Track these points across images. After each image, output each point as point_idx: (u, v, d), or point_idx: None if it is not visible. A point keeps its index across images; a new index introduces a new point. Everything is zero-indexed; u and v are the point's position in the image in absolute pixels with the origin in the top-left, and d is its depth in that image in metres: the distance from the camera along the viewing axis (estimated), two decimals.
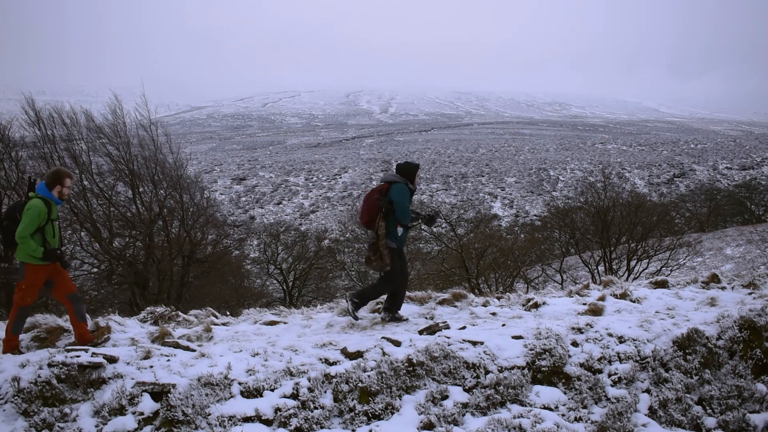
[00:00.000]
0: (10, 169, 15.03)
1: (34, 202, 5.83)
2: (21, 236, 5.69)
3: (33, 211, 5.78)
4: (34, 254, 5.74)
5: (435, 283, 21.46)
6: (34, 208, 5.79)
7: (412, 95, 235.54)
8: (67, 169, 6.24)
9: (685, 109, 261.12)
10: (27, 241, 5.70)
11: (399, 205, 6.31)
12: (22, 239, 5.69)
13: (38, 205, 5.81)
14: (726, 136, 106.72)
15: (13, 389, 4.39)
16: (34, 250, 5.73)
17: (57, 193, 6.01)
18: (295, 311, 7.71)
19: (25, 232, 5.73)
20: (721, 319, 5.61)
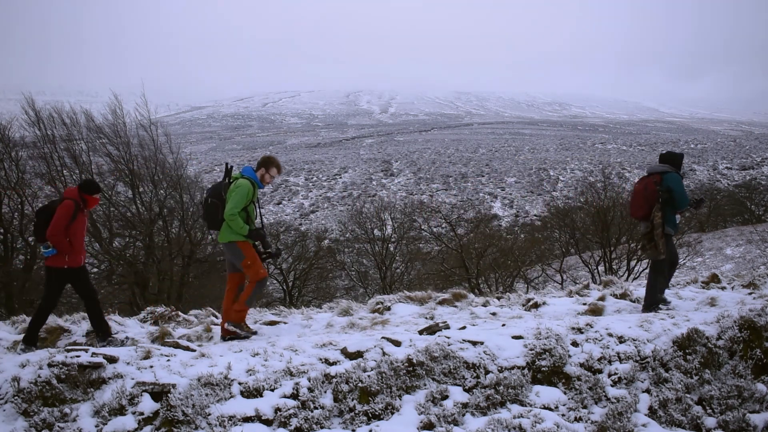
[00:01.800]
0: (10, 169, 15.04)
1: (243, 182, 6.01)
2: (230, 214, 5.86)
3: (242, 189, 5.95)
4: (240, 232, 5.91)
5: (435, 283, 21.48)
6: (244, 186, 5.97)
7: (412, 95, 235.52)
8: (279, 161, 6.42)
9: (685, 109, 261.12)
10: (236, 219, 5.87)
11: (679, 192, 6.55)
12: (231, 216, 5.86)
13: (247, 185, 5.99)
14: (726, 136, 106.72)
15: (13, 389, 4.39)
16: (241, 227, 5.90)
17: (260, 176, 6.21)
18: (295, 311, 7.72)
19: (235, 209, 5.89)
20: (721, 319, 5.61)
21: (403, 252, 29.56)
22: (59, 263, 5.87)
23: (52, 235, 5.76)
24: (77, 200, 5.99)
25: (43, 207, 6.11)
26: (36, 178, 15.94)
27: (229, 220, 5.88)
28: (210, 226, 6.26)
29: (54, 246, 5.80)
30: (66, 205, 5.90)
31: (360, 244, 31.38)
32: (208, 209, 6.10)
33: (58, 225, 5.79)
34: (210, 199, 6.09)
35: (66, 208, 5.88)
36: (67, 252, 5.87)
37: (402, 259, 29.15)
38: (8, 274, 14.55)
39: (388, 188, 65.86)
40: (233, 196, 5.92)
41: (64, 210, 5.87)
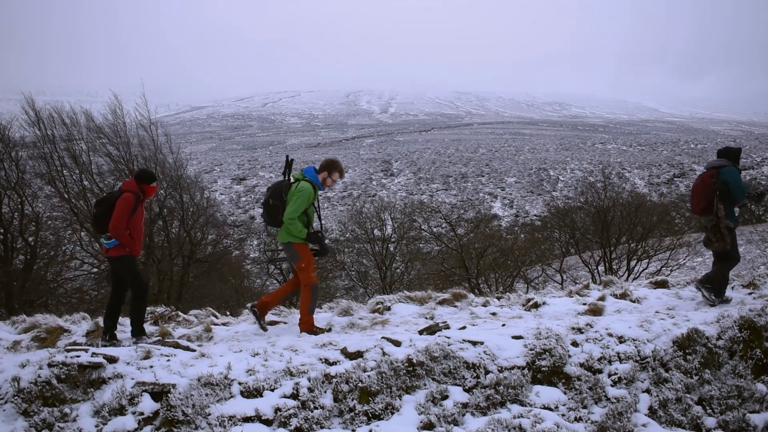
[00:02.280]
0: (10, 169, 15.04)
1: (305, 185, 6.04)
2: (290, 217, 5.93)
3: (304, 194, 5.99)
4: (299, 235, 5.97)
5: (435, 283, 21.46)
6: (306, 191, 6.01)
7: (412, 95, 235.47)
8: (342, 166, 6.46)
9: (685, 109, 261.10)
10: (295, 222, 5.92)
11: (735, 185, 6.64)
12: (291, 220, 5.92)
13: (309, 189, 6.03)
14: (726, 136, 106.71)
15: (13, 389, 4.39)
16: (300, 231, 5.96)
17: (322, 179, 6.25)
18: (295, 311, 7.70)
19: (295, 213, 5.95)
20: (721, 319, 5.61)
21: (403, 252, 29.55)
22: (121, 252, 5.97)
23: (115, 230, 5.83)
24: (137, 192, 6.04)
25: (102, 198, 6.13)
26: (36, 178, 15.94)
27: (288, 224, 5.95)
28: (269, 224, 6.30)
29: (116, 238, 5.89)
30: (126, 198, 5.93)
31: (360, 244, 31.36)
32: (269, 210, 6.15)
33: (120, 220, 5.86)
34: (271, 200, 6.13)
35: (127, 202, 5.92)
36: (128, 245, 5.95)
37: (402, 259, 29.14)
38: (8, 274, 14.55)
39: (388, 188, 65.88)
40: (294, 200, 5.97)
41: (125, 204, 5.90)
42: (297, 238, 6.01)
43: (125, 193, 5.97)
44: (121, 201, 5.90)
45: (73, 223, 16.41)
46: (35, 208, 15.78)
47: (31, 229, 15.53)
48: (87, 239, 16.76)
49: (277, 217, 6.08)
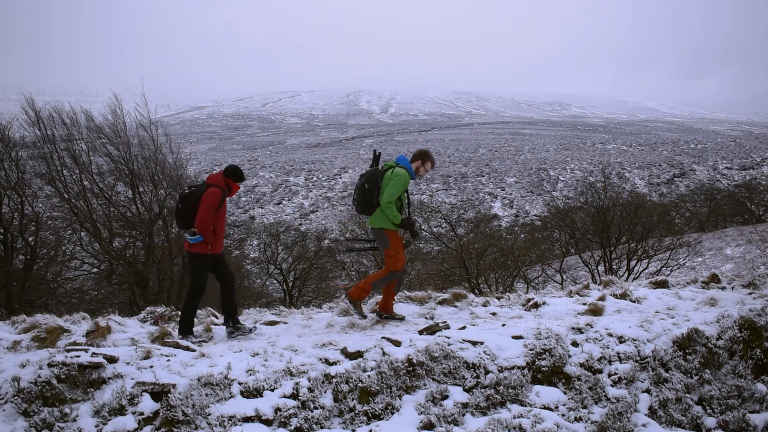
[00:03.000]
0: (10, 169, 15.03)
1: (401, 171, 6.12)
2: (388, 201, 5.98)
3: (401, 179, 6.07)
4: (394, 220, 6.04)
5: (435, 283, 21.45)
6: (402, 176, 6.09)
7: (412, 95, 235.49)
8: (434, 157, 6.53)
9: (685, 109, 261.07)
10: (392, 207, 5.99)
11: None
12: (388, 204, 5.98)
13: (405, 175, 6.11)
14: (726, 136, 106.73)
15: (13, 389, 4.38)
16: (395, 216, 6.03)
17: (415, 168, 6.32)
18: (295, 311, 7.71)
19: (393, 197, 6.01)
20: (721, 319, 5.61)
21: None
22: (203, 250, 5.98)
23: (201, 225, 5.84)
24: (223, 187, 6.05)
25: (187, 193, 6.07)
26: (36, 178, 15.93)
27: (385, 208, 6.00)
28: (361, 210, 6.28)
29: (201, 234, 5.89)
30: (214, 193, 5.93)
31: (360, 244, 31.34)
32: (365, 194, 6.17)
33: (207, 214, 5.87)
34: (366, 184, 6.16)
35: (214, 197, 5.91)
36: (211, 241, 5.97)
37: None
38: (8, 274, 14.54)
39: None
40: (392, 184, 6.04)
41: (212, 198, 5.91)
42: (389, 223, 6.08)
43: (212, 188, 5.96)
44: (209, 196, 5.90)
45: (73, 223, 16.40)
46: (35, 208, 15.76)
47: (31, 229, 15.52)
48: (87, 239, 16.75)
49: (372, 201, 6.13)
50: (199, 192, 5.97)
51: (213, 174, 6.23)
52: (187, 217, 5.94)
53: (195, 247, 5.95)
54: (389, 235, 6.13)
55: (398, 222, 6.07)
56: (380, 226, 6.12)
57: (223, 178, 6.10)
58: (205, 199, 5.87)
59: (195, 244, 5.93)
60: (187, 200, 5.97)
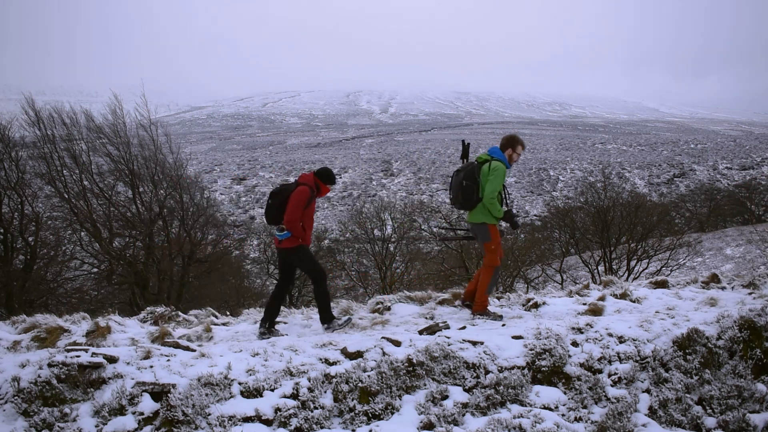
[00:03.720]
0: (10, 169, 15.03)
1: (499, 165, 6.13)
2: (491, 196, 6.01)
3: (500, 173, 6.10)
4: (497, 214, 6.08)
5: (435, 283, 21.46)
6: (501, 170, 6.12)
7: (412, 95, 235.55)
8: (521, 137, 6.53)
9: (685, 109, 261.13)
10: (494, 201, 6.02)
11: None
12: (491, 199, 6.01)
13: (503, 168, 6.13)
14: (726, 136, 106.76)
15: (13, 389, 4.38)
16: (498, 210, 6.08)
17: (508, 156, 6.32)
18: (295, 311, 7.71)
19: (495, 192, 6.05)
20: (721, 319, 5.61)
21: (403, 252, 29.56)
22: (294, 243, 6.13)
23: (290, 221, 5.98)
24: (312, 187, 6.17)
25: (277, 190, 6.23)
26: (36, 178, 15.93)
27: (488, 203, 6.03)
28: (462, 206, 6.32)
29: (289, 230, 6.03)
30: (303, 191, 6.06)
31: (360, 244, 31.36)
32: (465, 191, 6.19)
33: (296, 212, 5.99)
34: (465, 181, 6.19)
35: (303, 195, 6.05)
36: (300, 236, 6.10)
37: (402, 259, 29.15)
38: (8, 274, 14.54)
39: (388, 188, 65.91)
40: (492, 179, 6.06)
41: (301, 196, 6.04)
42: (490, 217, 6.12)
43: (301, 186, 6.11)
44: (297, 194, 6.05)
45: (73, 223, 16.40)
46: (35, 208, 15.76)
47: (31, 229, 15.52)
48: (87, 239, 16.76)
49: (472, 197, 6.14)
50: (289, 190, 6.14)
51: (304, 173, 6.40)
52: (276, 213, 6.13)
53: (286, 242, 6.13)
54: (491, 230, 6.19)
55: (501, 216, 6.12)
56: (482, 221, 6.17)
57: (313, 179, 6.26)
58: (294, 197, 6.04)
59: (285, 239, 6.11)
60: (277, 197, 6.16)
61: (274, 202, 6.13)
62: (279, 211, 6.09)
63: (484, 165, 6.19)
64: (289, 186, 6.21)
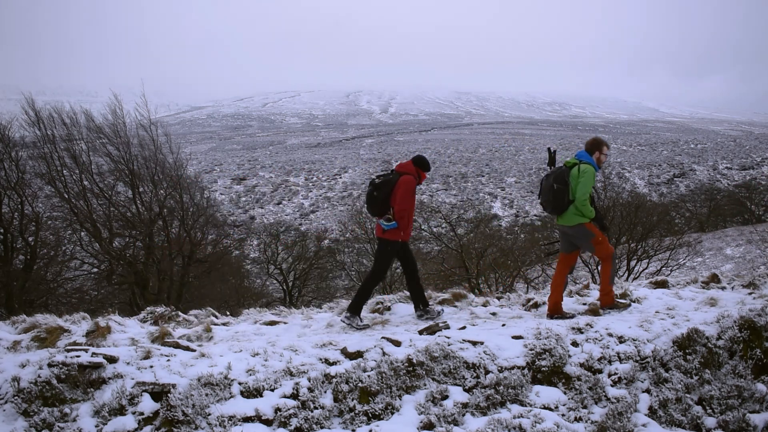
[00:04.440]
0: (10, 169, 15.03)
1: (589, 168, 6.29)
2: (584, 198, 6.18)
3: (591, 175, 6.26)
4: (589, 215, 6.24)
5: (435, 283, 21.44)
6: (591, 172, 6.28)
7: (412, 95, 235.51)
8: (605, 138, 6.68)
9: (685, 109, 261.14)
10: (587, 203, 6.20)
11: None
12: (584, 201, 6.18)
13: (593, 171, 6.29)
14: (726, 136, 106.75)
15: (13, 389, 4.39)
16: (591, 211, 6.24)
17: (596, 159, 6.46)
18: (295, 311, 7.70)
19: (587, 194, 6.22)
20: (721, 319, 5.61)
21: None
22: (395, 236, 6.20)
23: (401, 210, 6.07)
24: (415, 175, 6.26)
25: (382, 182, 6.27)
26: (36, 178, 15.93)
27: (581, 205, 6.18)
28: (552, 210, 6.44)
29: (397, 220, 6.10)
30: (410, 180, 6.16)
31: (360, 244, 31.35)
32: (556, 194, 6.31)
33: (406, 201, 6.10)
34: (555, 184, 6.31)
35: (411, 184, 6.16)
36: (405, 227, 6.19)
37: None
38: (8, 274, 14.54)
39: None
40: (583, 181, 6.20)
41: (409, 186, 6.14)
42: (585, 217, 6.26)
43: (406, 176, 6.19)
44: (405, 183, 6.13)
45: (73, 223, 16.40)
46: (35, 208, 15.76)
47: (31, 229, 15.52)
48: (87, 239, 16.75)
49: (563, 200, 6.27)
50: (393, 180, 6.20)
51: (402, 163, 6.45)
52: (382, 204, 6.18)
53: (388, 233, 6.20)
54: (590, 227, 6.32)
55: (593, 216, 6.26)
56: (578, 221, 6.29)
57: (414, 167, 6.34)
58: (402, 186, 6.11)
59: (389, 230, 6.17)
60: (382, 188, 6.20)
61: (379, 193, 6.19)
62: (385, 203, 6.17)
63: (573, 168, 6.32)
64: (390, 176, 6.29)
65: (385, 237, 6.24)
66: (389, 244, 6.25)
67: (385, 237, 6.24)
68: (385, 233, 6.20)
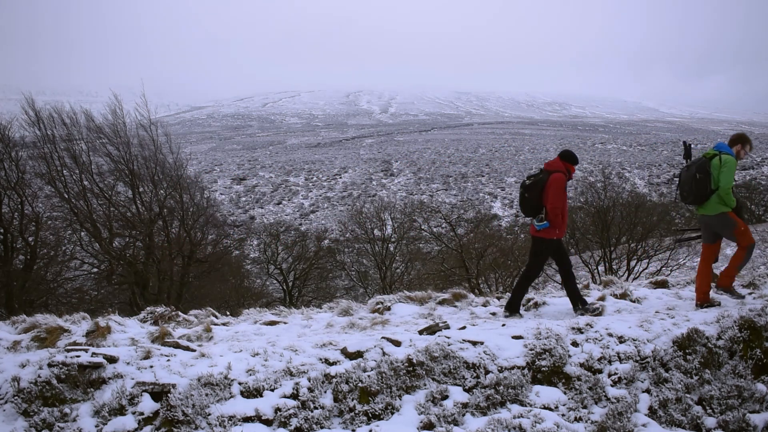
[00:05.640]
0: (10, 169, 15.02)
1: (731, 159, 6.37)
2: (728, 187, 6.27)
3: (732, 165, 6.34)
4: (732, 204, 6.34)
5: (435, 283, 21.44)
6: (732, 163, 6.36)
7: (412, 95, 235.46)
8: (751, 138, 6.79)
9: (685, 109, 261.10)
10: (730, 192, 6.29)
11: None
12: (727, 190, 6.27)
13: (734, 161, 6.38)
14: (726, 136, 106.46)
15: (13, 389, 4.39)
16: (732, 200, 6.33)
17: (736, 152, 6.55)
18: (295, 311, 7.70)
19: (730, 183, 6.30)
20: (721, 319, 5.61)
21: (403, 252, 29.56)
22: (551, 235, 6.34)
23: (554, 209, 6.21)
24: (564, 172, 6.36)
25: (532, 183, 6.41)
26: (36, 178, 15.92)
27: (725, 194, 6.26)
28: (694, 200, 6.53)
29: (551, 219, 6.24)
30: (560, 178, 6.27)
31: (360, 244, 31.36)
32: (699, 184, 6.38)
33: (558, 199, 6.22)
34: (698, 174, 6.38)
35: (561, 182, 6.27)
36: (559, 225, 6.31)
37: (402, 259, 29.15)
38: (8, 274, 14.54)
39: (388, 188, 65.87)
40: (725, 171, 6.28)
41: (560, 183, 6.26)
42: (727, 206, 6.34)
43: (556, 174, 6.29)
44: (555, 181, 6.25)
45: (73, 223, 16.39)
46: (35, 208, 15.74)
47: (31, 229, 15.51)
48: (87, 239, 16.75)
49: (705, 190, 6.34)
50: (543, 179, 6.32)
51: (550, 161, 6.54)
52: (533, 205, 6.31)
53: (543, 232, 6.34)
54: (732, 216, 6.40)
55: (734, 206, 6.35)
56: (720, 210, 6.36)
57: (562, 163, 6.42)
58: (552, 184, 6.24)
59: (542, 229, 6.30)
60: (533, 189, 6.33)
61: (530, 195, 6.33)
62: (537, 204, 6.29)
63: (713, 159, 6.39)
64: (540, 176, 6.38)
65: (540, 236, 6.39)
66: (545, 243, 6.40)
67: (540, 236, 6.39)
68: (539, 232, 6.35)
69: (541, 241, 6.44)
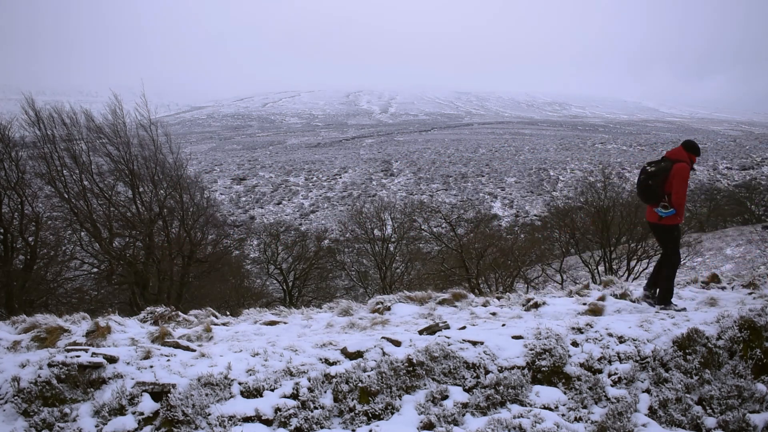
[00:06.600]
0: (10, 169, 15.01)
1: None
2: None
3: None
4: None
5: (435, 283, 21.44)
6: None
7: (412, 95, 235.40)
8: None
9: (685, 109, 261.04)
10: None
11: None
12: None
13: None
14: (726, 136, 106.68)
15: (13, 389, 4.38)
16: None
17: None
18: (295, 311, 7.70)
19: None
20: (721, 319, 5.61)
21: (403, 252, 29.56)
22: (675, 221, 6.51)
23: (679, 198, 6.34)
24: (688, 162, 6.46)
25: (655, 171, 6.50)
26: (36, 178, 15.91)
27: None
28: None
29: (676, 207, 6.37)
30: (684, 168, 6.37)
31: (360, 244, 31.36)
32: None
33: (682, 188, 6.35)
34: None
35: (686, 171, 6.38)
36: (681, 214, 6.46)
37: (402, 259, 29.15)
38: (8, 274, 14.53)
39: (388, 188, 65.86)
40: None
41: (684, 172, 6.35)
42: None
43: (680, 163, 6.39)
44: (681, 170, 6.34)
45: (73, 223, 16.39)
46: (35, 208, 15.74)
47: (31, 229, 15.51)
48: (87, 239, 16.74)
49: None
50: (667, 168, 6.41)
51: (673, 150, 6.63)
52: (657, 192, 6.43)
53: (667, 219, 6.48)
54: None
55: None
56: None
57: (686, 153, 6.51)
58: (677, 174, 6.33)
59: (667, 217, 6.44)
60: (656, 177, 6.43)
61: (654, 182, 6.42)
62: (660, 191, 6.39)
63: None
64: (663, 165, 6.46)
65: (664, 223, 6.52)
66: (674, 229, 6.57)
67: (664, 223, 6.52)
68: (663, 219, 6.48)
69: (671, 228, 6.60)
